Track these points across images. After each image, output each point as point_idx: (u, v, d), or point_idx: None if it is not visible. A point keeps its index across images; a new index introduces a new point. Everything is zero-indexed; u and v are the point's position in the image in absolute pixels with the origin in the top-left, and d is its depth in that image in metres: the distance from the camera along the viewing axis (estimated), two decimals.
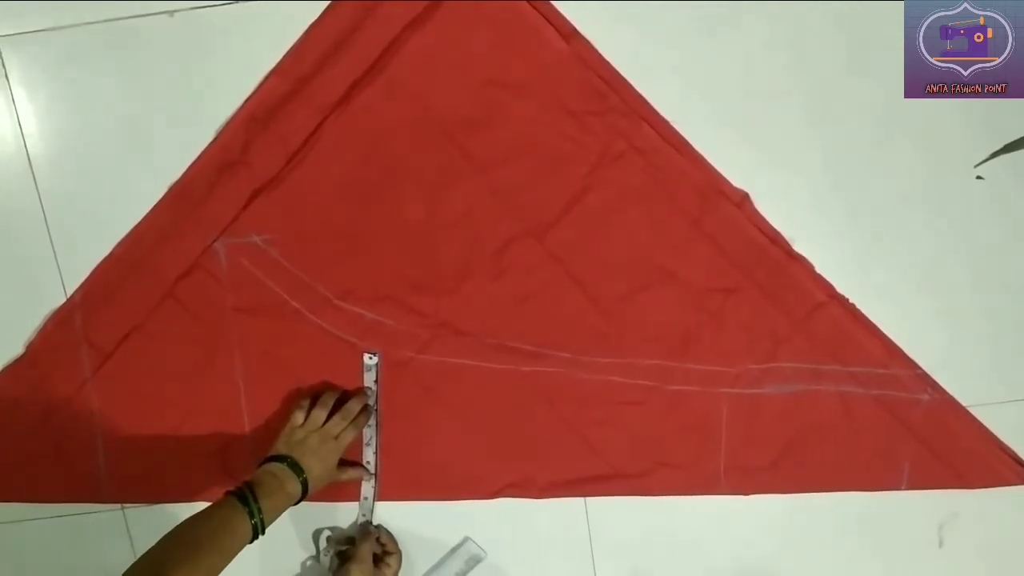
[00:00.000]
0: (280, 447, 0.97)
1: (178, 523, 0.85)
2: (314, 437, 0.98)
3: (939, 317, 1.05)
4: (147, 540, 0.83)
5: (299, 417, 1.00)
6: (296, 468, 0.94)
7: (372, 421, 1.05)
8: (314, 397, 1.02)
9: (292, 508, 0.95)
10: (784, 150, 1.03)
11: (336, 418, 1.00)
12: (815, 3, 1.00)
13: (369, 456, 1.06)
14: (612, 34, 1.00)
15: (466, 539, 1.09)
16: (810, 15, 1.00)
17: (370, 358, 1.04)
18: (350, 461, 1.05)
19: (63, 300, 1.03)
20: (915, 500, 1.06)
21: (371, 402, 1.04)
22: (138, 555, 0.81)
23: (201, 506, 0.89)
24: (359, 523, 1.07)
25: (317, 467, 0.96)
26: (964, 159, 1.03)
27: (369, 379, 1.05)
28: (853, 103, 1.02)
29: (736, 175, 1.02)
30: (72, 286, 1.03)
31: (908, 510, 1.08)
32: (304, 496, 0.95)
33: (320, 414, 0.99)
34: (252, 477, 0.93)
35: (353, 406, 1.01)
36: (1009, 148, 1.02)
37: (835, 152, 1.03)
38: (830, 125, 1.02)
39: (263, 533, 0.89)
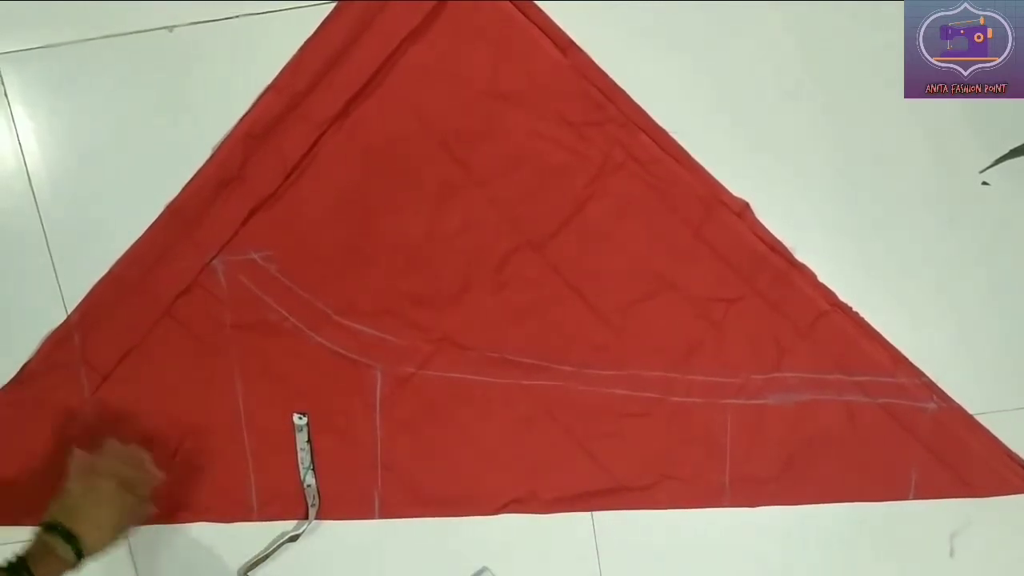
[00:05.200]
0: (54, 512, 0.87)
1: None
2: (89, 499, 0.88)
3: (943, 324, 1.05)
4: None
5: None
6: (68, 537, 0.85)
7: (306, 444, 1.04)
8: None
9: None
10: (783, 157, 1.02)
11: None
12: (813, 4, 1.00)
13: (310, 480, 1.05)
14: (609, 45, 1.00)
15: (484, 569, 1.08)
16: (809, 18, 1.00)
17: (299, 418, 1.04)
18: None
19: (64, 319, 1.03)
20: (924, 510, 1.06)
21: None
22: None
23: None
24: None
25: (92, 532, 0.87)
26: (964, 160, 1.03)
27: (301, 440, 1.04)
28: (852, 105, 1.02)
29: (736, 184, 1.01)
30: (72, 304, 1.03)
31: (917, 520, 1.07)
32: (81, 560, 0.86)
33: None
34: (26, 549, 0.85)
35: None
36: (1015, 153, 1.01)
37: (834, 157, 1.03)
38: (829, 129, 1.02)
39: None
